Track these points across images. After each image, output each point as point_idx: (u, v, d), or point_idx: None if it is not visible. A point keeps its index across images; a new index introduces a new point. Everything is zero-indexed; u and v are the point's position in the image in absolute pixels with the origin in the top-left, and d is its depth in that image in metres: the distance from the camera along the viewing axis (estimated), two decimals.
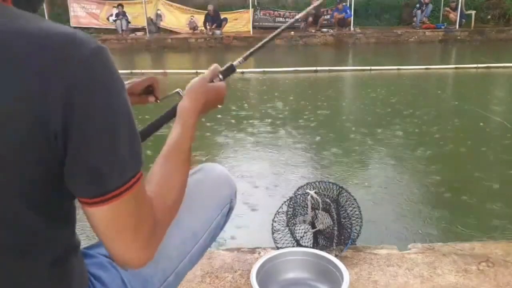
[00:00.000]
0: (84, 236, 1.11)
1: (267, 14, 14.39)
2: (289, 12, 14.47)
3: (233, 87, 6.97)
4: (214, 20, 13.39)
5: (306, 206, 1.65)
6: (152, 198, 0.67)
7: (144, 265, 0.66)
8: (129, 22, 13.73)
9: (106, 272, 0.77)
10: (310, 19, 13.58)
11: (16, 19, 0.55)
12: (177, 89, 0.91)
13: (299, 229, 1.70)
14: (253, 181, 3.22)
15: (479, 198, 2.89)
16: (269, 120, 4.90)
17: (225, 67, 0.90)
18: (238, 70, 0.95)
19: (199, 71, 8.23)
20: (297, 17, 1.24)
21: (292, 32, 13.23)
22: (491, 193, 2.95)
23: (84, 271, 0.73)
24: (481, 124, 4.59)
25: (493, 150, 3.88)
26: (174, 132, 0.79)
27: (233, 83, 7.33)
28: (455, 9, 13.26)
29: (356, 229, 1.67)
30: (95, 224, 0.61)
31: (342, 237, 1.61)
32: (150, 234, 0.65)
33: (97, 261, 0.78)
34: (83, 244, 0.80)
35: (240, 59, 0.93)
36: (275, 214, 1.71)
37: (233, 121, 4.89)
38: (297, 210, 1.69)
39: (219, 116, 4.93)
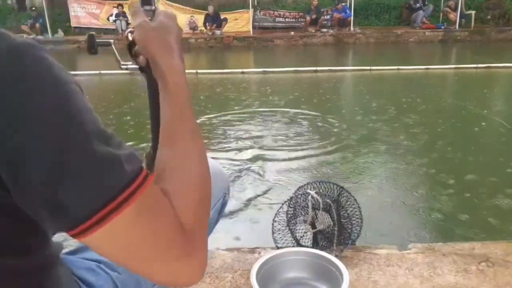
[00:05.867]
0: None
1: (267, 14, 14.39)
2: (289, 12, 14.48)
3: (236, 84, 6.98)
4: (214, 20, 13.39)
5: (306, 206, 1.65)
6: (169, 196, 0.54)
7: (202, 275, 0.55)
8: (129, 23, 13.72)
9: (95, 276, 0.72)
10: (308, 18, 13.59)
11: None
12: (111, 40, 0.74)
13: (299, 229, 1.70)
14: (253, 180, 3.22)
15: (480, 197, 2.89)
16: (271, 120, 4.90)
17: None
18: (238, 70, 0.90)
19: (199, 71, 8.24)
20: None
21: (292, 32, 13.24)
22: (493, 194, 2.95)
23: (70, 280, 0.67)
24: (482, 124, 4.59)
25: (494, 150, 3.88)
26: (164, 102, 0.62)
27: (234, 82, 7.34)
28: (455, 9, 13.27)
29: (356, 229, 1.67)
30: (104, 255, 0.50)
31: (342, 237, 1.61)
32: (183, 241, 0.52)
33: (85, 265, 0.74)
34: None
35: None
36: (276, 214, 1.71)
37: (233, 120, 4.89)
38: (297, 210, 1.69)
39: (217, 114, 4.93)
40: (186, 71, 0.66)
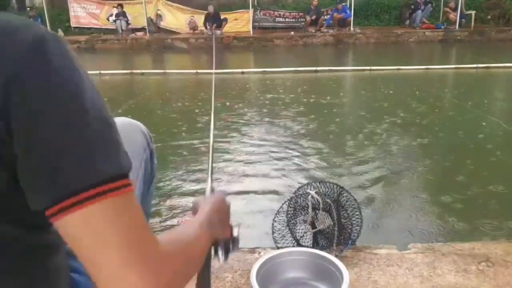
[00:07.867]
0: None
1: (267, 14, 14.40)
2: (289, 12, 14.48)
3: (236, 84, 6.98)
4: (214, 20, 13.40)
5: (306, 206, 1.65)
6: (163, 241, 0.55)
7: None
8: (129, 23, 13.73)
9: (83, 276, 0.69)
10: (308, 18, 13.59)
11: None
12: None
13: (299, 229, 1.70)
14: (254, 179, 3.22)
15: (480, 197, 2.89)
16: (271, 120, 4.90)
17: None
18: (238, 70, 0.91)
19: (199, 71, 8.24)
20: None
21: (292, 32, 13.24)
22: (493, 193, 2.95)
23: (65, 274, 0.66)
24: (483, 123, 4.59)
25: (494, 150, 3.88)
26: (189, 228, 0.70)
27: (234, 82, 7.34)
28: (455, 9, 13.27)
29: (356, 229, 1.67)
30: (71, 242, 0.49)
31: (342, 237, 1.61)
32: (152, 257, 0.50)
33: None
34: None
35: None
36: (276, 214, 1.71)
37: (231, 121, 4.90)
38: (297, 210, 1.70)
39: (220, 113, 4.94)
40: (186, 71, 0.73)
